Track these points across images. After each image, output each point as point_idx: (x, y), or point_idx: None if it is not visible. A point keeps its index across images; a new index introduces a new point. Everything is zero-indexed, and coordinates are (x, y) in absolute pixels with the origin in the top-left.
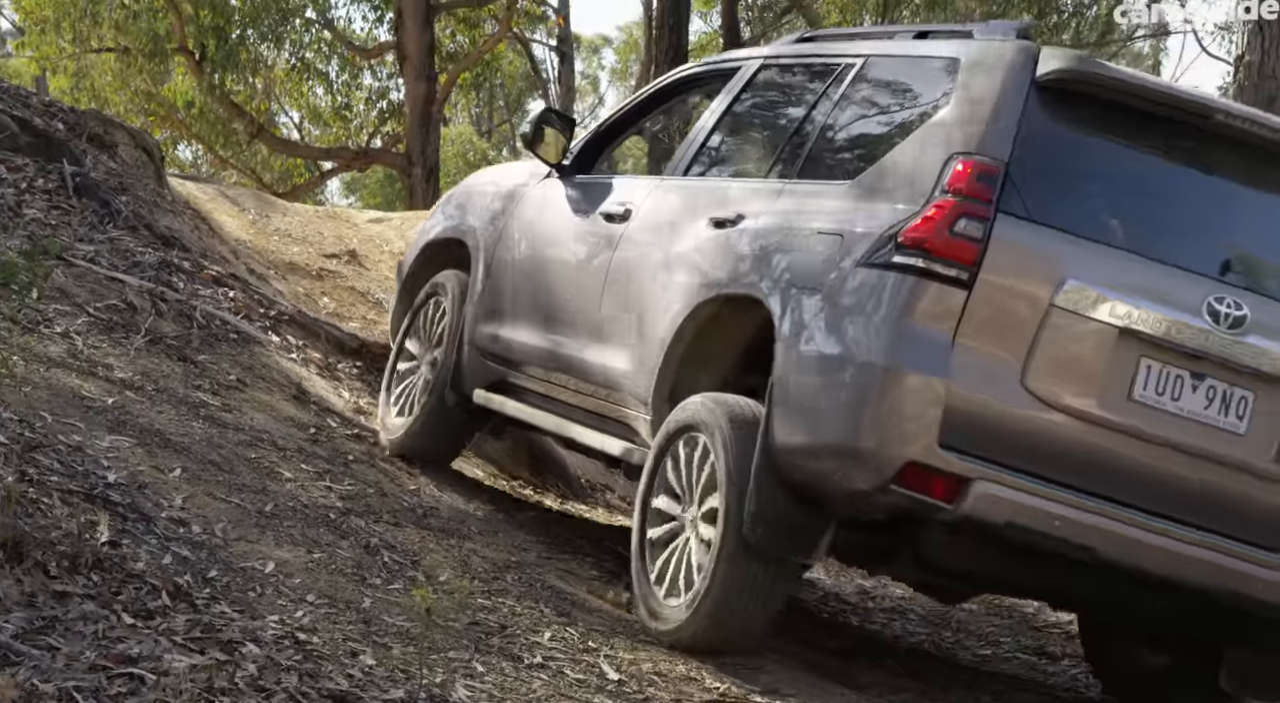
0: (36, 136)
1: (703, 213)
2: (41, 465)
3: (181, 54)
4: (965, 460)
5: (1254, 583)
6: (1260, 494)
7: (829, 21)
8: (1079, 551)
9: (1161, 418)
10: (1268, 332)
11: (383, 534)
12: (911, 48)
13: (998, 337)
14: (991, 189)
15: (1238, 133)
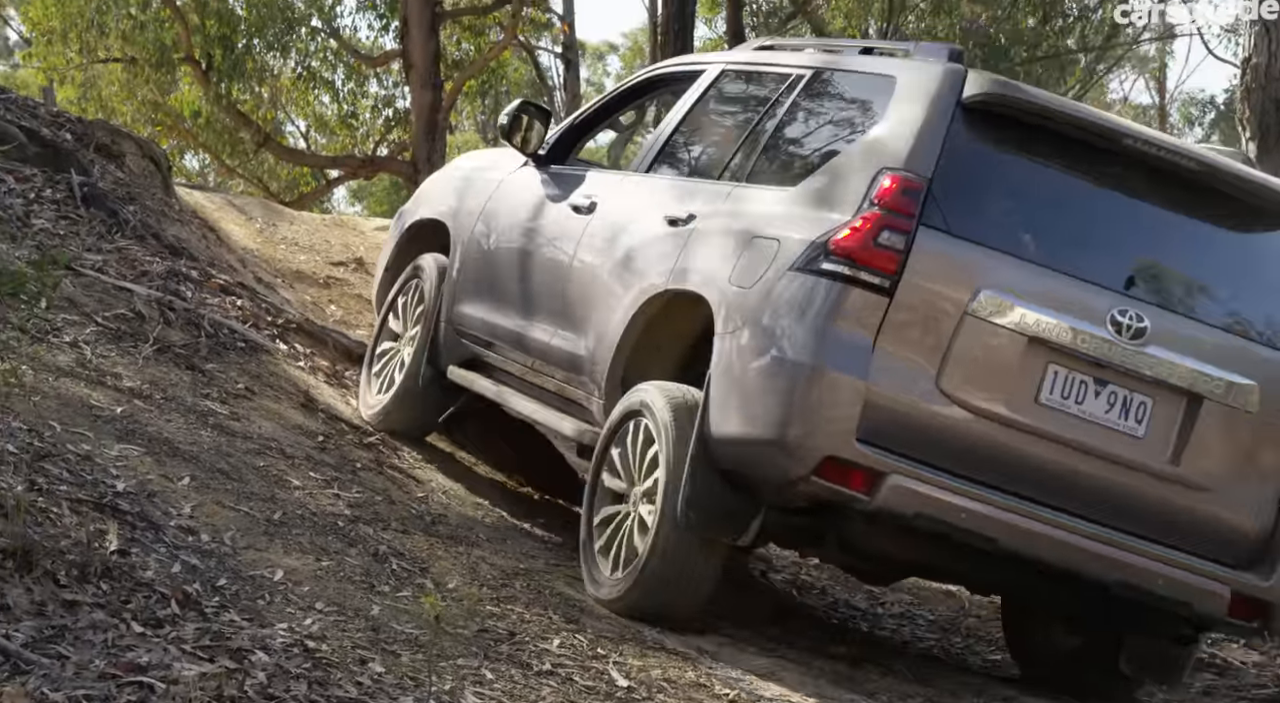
0: (44, 147)
1: (659, 210)
2: (51, 475)
3: (188, 64)
4: (881, 456)
5: (1150, 576)
6: (1156, 493)
7: (834, 27)
8: (983, 541)
9: (1066, 420)
10: (1167, 343)
11: (391, 542)
12: (856, 63)
13: (915, 341)
14: (915, 203)
15: (1145, 156)
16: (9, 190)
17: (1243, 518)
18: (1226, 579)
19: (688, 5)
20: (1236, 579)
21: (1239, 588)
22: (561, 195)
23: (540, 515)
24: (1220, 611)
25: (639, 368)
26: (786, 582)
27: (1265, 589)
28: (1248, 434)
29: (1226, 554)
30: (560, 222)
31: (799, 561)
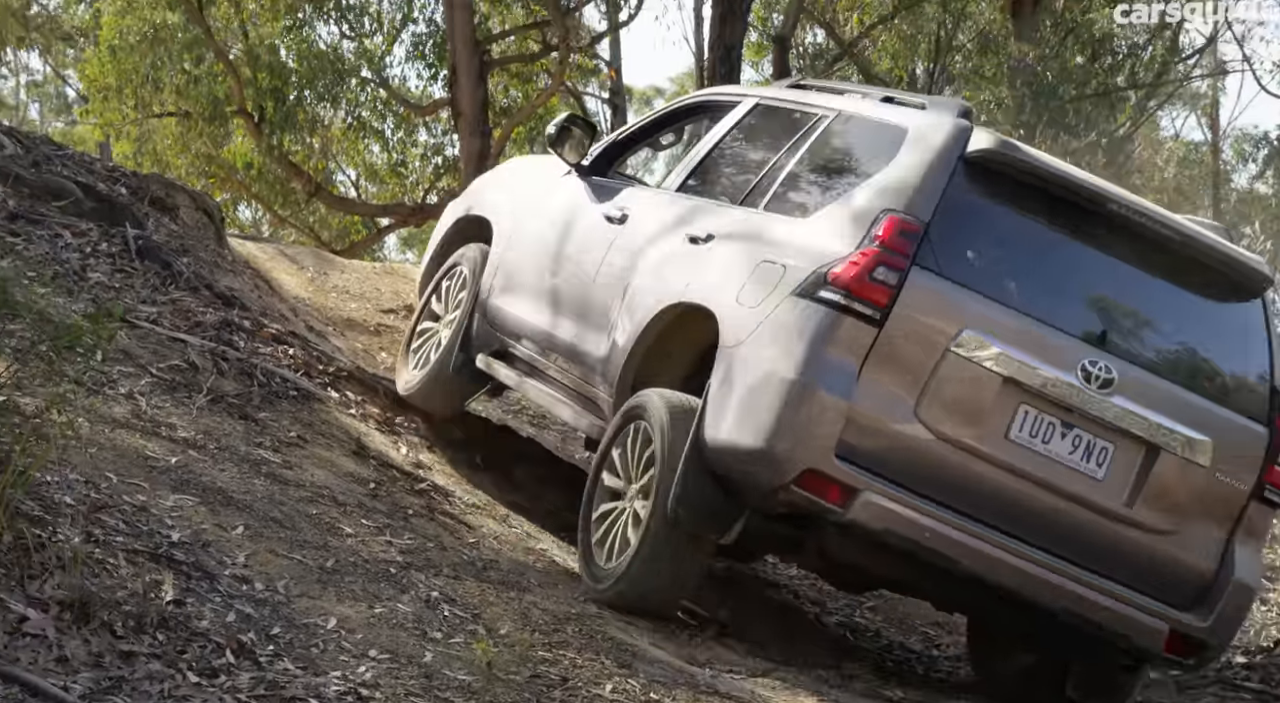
0: (100, 201)
1: (683, 228)
2: (107, 526)
3: (240, 116)
4: (857, 473)
5: (1095, 608)
6: (1109, 532)
7: (880, 68)
8: (947, 562)
9: (1032, 457)
10: (1131, 394)
11: (443, 588)
12: (875, 110)
13: (899, 370)
14: (910, 244)
15: (1126, 220)
16: (66, 244)
17: (1188, 562)
18: (1166, 617)
19: (734, 49)
20: (1176, 618)
21: (1177, 626)
22: (597, 205)
23: None
24: (1157, 646)
25: (649, 372)
26: (840, 625)
27: (1202, 629)
28: (1199, 486)
29: (1169, 594)
30: (593, 229)
31: (852, 602)
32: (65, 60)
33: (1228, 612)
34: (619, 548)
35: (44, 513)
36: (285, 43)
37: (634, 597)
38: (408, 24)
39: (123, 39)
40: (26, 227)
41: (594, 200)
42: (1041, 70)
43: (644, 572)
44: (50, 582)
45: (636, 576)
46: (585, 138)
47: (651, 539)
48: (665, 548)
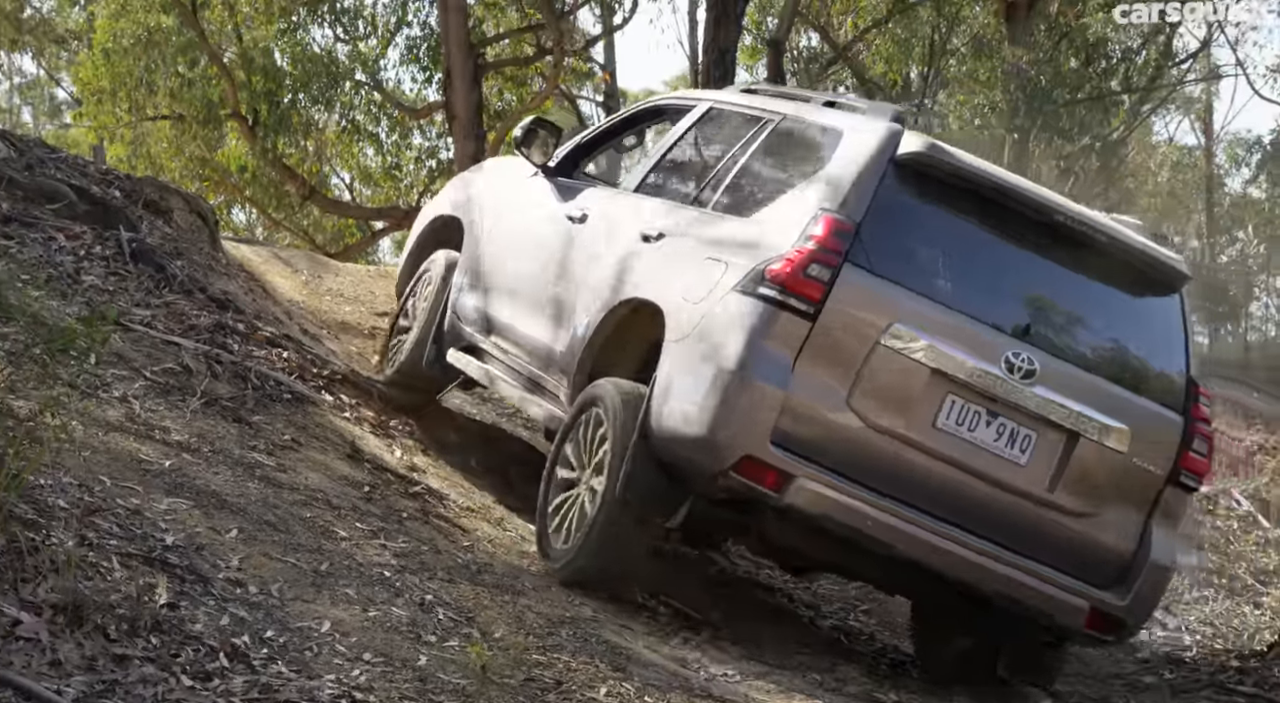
0: (94, 204)
1: (636, 226)
2: (101, 529)
3: (235, 119)
4: (792, 459)
5: (1019, 588)
6: (1033, 515)
7: (875, 72)
8: (881, 546)
9: (959, 444)
10: (1053, 385)
11: (437, 591)
12: (817, 114)
13: (832, 362)
14: (843, 242)
15: (1049, 219)
16: (59, 248)
17: (1108, 544)
18: (1087, 596)
19: (728, 53)
20: (1096, 597)
21: (1097, 605)
22: (560, 205)
23: None
24: (1078, 623)
25: (605, 365)
26: (835, 628)
27: (1120, 607)
28: (1117, 471)
29: (1090, 574)
30: (555, 228)
31: (846, 606)
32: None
33: (1145, 591)
34: (574, 529)
35: (37, 516)
36: (279, 46)
37: (585, 574)
38: (402, 27)
39: (116, 42)
40: (20, 229)
41: (557, 200)
42: (1035, 74)
43: (595, 551)
44: (44, 585)
45: (588, 555)
46: (551, 139)
47: (602, 521)
48: (614, 530)
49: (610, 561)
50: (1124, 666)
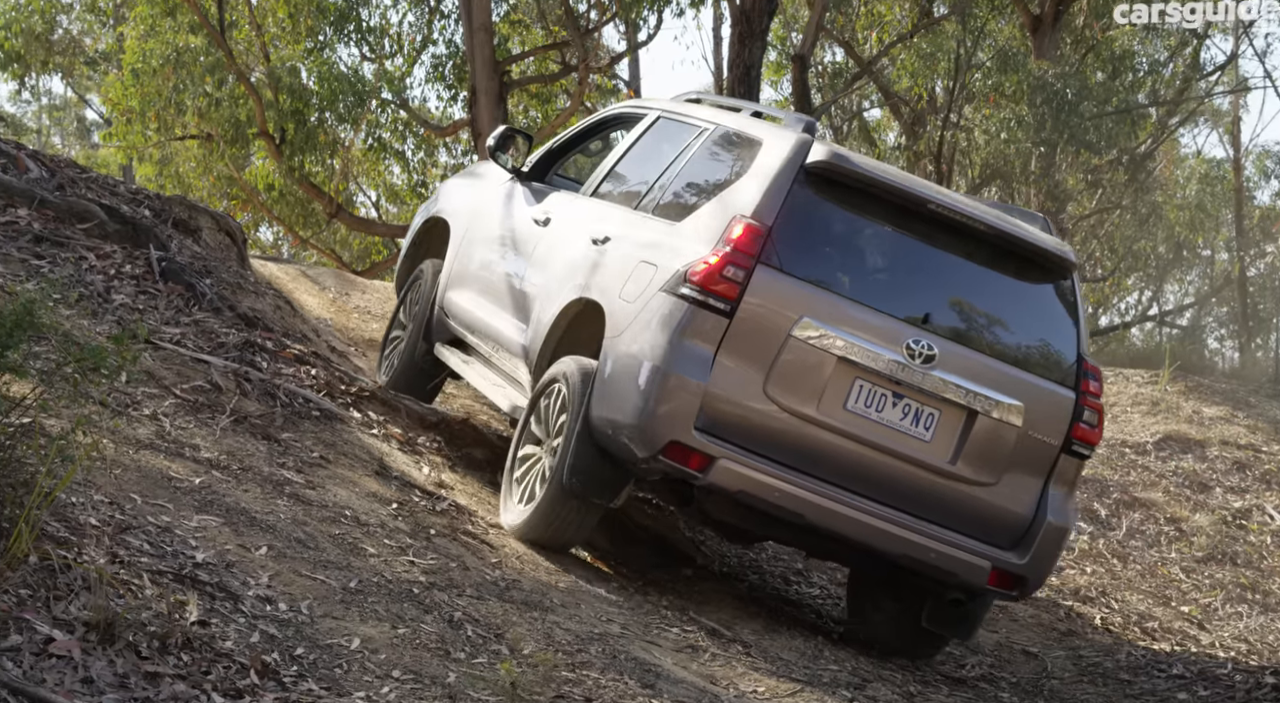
0: (124, 224)
1: (588, 230)
2: (132, 547)
3: (262, 138)
4: (714, 443)
5: (925, 551)
6: (937, 485)
7: (900, 87)
8: (793, 516)
9: (868, 424)
10: (951, 367)
11: (466, 608)
12: (744, 124)
13: (748, 354)
14: (756, 245)
15: (943, 216)
16: (90, 267)
17: (1008, 509)
18: (990, 556)
19: (753, 69)
20: (998, 557)
21: (999, 564)
22: (529, 209)
23: (613, 580)
24: (982, 581)
25: (561, 356)
26: (865, 645)
27: (1021, 566)
28: (1014, 443)
29: (992, 536)
30: (524, 230)
31: None
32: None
33: (1043, 550)
34: (531, 495)
35: (69, 534)
36: (306, 65)
37: (538, 538)
38: (428, 46)
39: (145, 62)
40: (52, 249)
41: (526, 204)
42: (1061, 87)
43: (547, 519)
44: (76, 603)
45: (540, 521)
46: (524, 145)
47: (552, 495)
48: (560, 505)
49: (559, 532)
50: (1157, 682)
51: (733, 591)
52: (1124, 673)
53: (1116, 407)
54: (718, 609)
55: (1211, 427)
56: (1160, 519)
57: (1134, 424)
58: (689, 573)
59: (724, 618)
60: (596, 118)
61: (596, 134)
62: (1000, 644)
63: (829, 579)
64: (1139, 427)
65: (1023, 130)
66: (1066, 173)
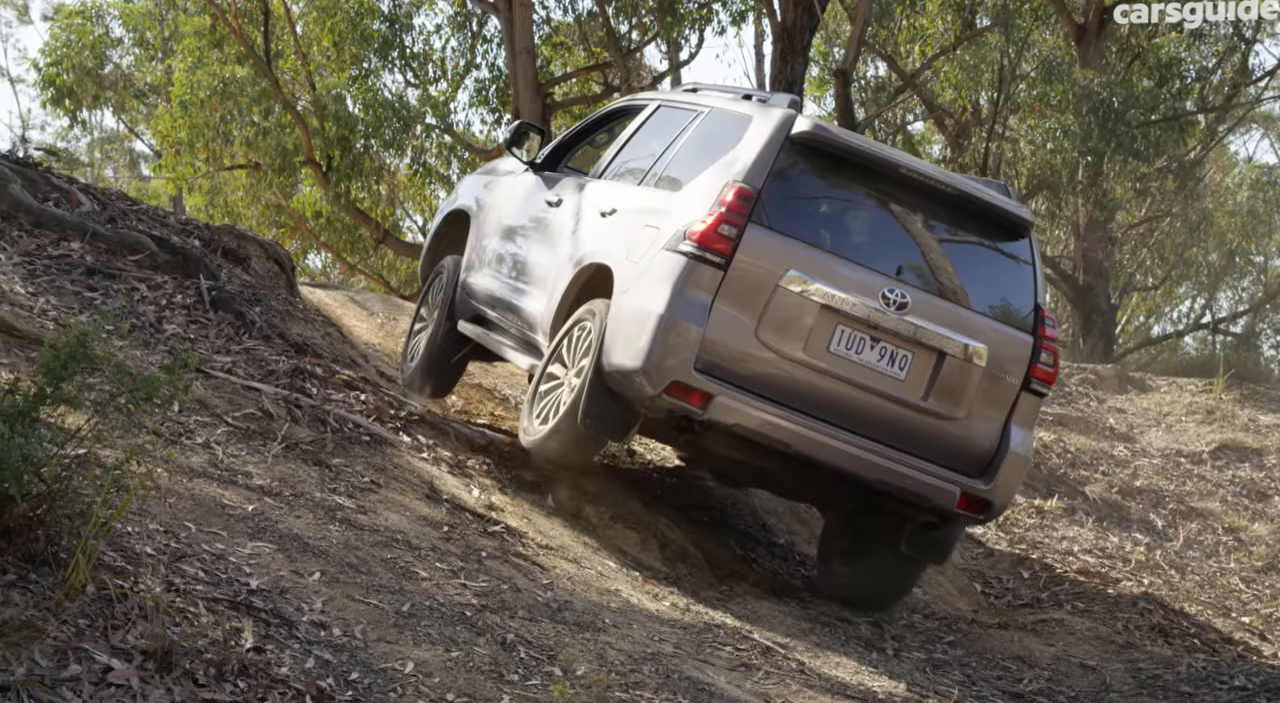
0: (174, 254)
1: (597, 205)
2: (187, 575)
3: (309, 166)
4: (712, 383)
5: (899, 476)
6: (911, 419)
7: (943, 99)
8: (781, 445)
9: (849, 365)
10: (922, 314)
11: (519, 630)
12: (734, 105)
13: (741, 303)
14: (747, 206)
15: (914, 180)
16: (142, 298)
17: (975, 440)
18: (958, 482)
19: (795, 85)
20: (966, 483)
21: (967, 489)
22: (542, 193)
23: (665, 599)
24: (951, 505)
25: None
26: (923, 659)
27: (986, 491)
28: (979, 381)
29: (961, 465)
30: (538, 213)
31: (931, 637)
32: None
33: (1006, 477)
34: (549, 416)
35: (126, 564)
36: (351, 92)
37: (551, 455)
38: (471, 70)
39: (193, 94)
40: (104, 281)
41: (540, 190)
42: (1107, 96)
43: (555, 443)
44: (133, 632)
45: (549, 443)
46: (536, 139)
47: (565, 424)
48: (569, 433)
49: (571, 451)
50: (1219, 695)
51: (785, 608)
52: (1185, 686)
53: (1170, 416)
54: (771, 627)
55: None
56: (1218, 529)
57: (1189, 433)
58: (741, 591)
59: (777, 636)
60: (603, 111)
61: (604, 126)
62: (1057, 658)
63: None
64: (1194, 436)
65: (1069, 140)
66: (1114, 181)
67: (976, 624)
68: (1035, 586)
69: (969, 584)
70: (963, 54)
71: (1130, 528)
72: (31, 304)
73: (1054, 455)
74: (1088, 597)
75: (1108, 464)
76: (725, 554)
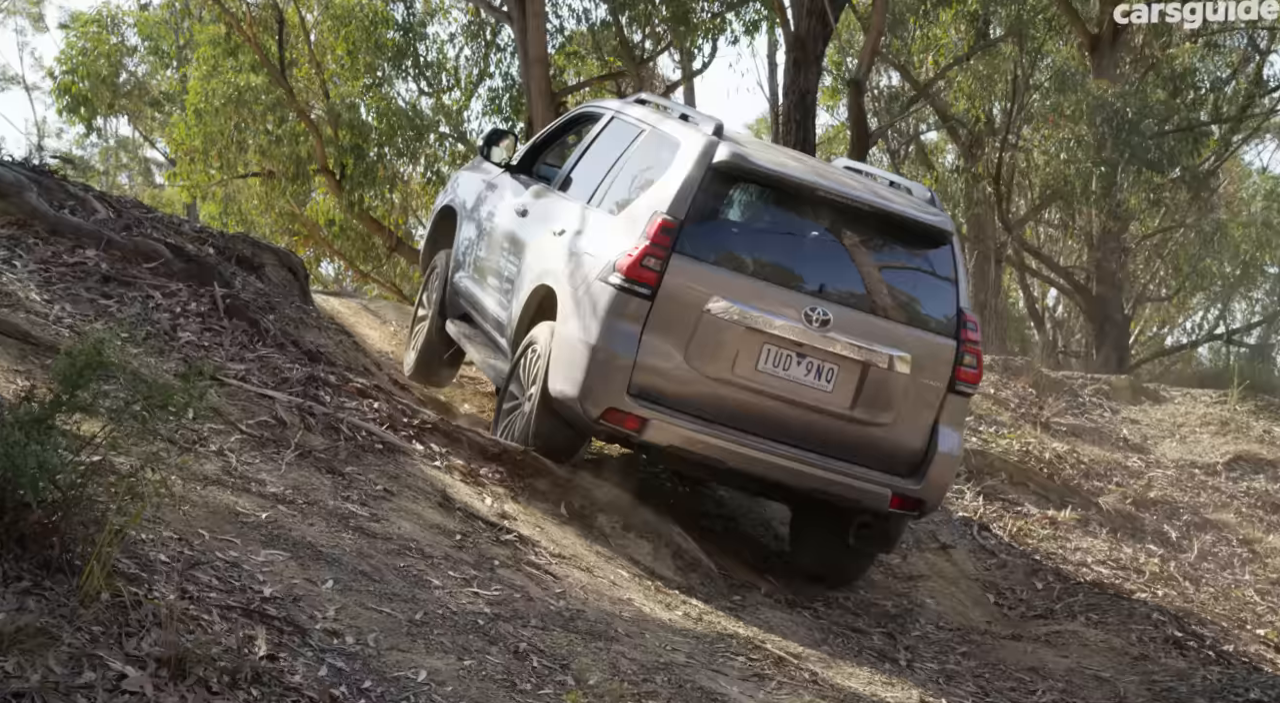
0: (189, 262)
1: (552, 222)
2: (201, 582)
3: (322, 174)
4: (646, 407)
5: (831, 483)
6: (840, 428)
7: (956, 109)
8: (715, 462)
9: (778, 382)
10: (845, 329)
11: (531, 639)
12: (669, 125)
13: (670, 331)
14: (671, 238)
15: (832, 200)
16: (157, 305)
17: (904, 443)
18: (889, 484)
19: (808, 95)
20: (897, 484)
21: (898, 490)
22: (513, 200)
23: (678, 609)
24: (884, 505)
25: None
26: (935, 671)
27: (917, 490)
28: (905, 387)
29: (892, 467)
30: (509, 221)
31: (944, 649)
32: (153, 125)
33: (937, 476)
34: (511, 435)
35: (140, 571)
36: (365, 101)
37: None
38: (484, 79)
39: (208, 102)
40: (119, 289)
41: (513, 196)
42: (1121, 106)
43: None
44: (147, 639)
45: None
46: (512, 143)
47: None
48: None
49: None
50: None
51: (798, 619)
52: (1200, 698)
53: (1185, 427)
54: (784, 637)
55: None
56: (1233, 541)
57: (1203, 445)
58: (754, 601)
59: (790, 646)
60: (569, 116)
61: (570, 130)
62: (1071, 670)
63: (892, 607)
64: (1209, 447)
65: (1083, 150)
66: (1128, 192)
67: (990, 635)
68: (1049, 597)
69: (982, 595)
70: (976, 64)
71: (1144, 539)
72: (47, 311)
73: (1067, 466)
74: (1102, 608)
75: (1121, 475)
76: (738, 564)
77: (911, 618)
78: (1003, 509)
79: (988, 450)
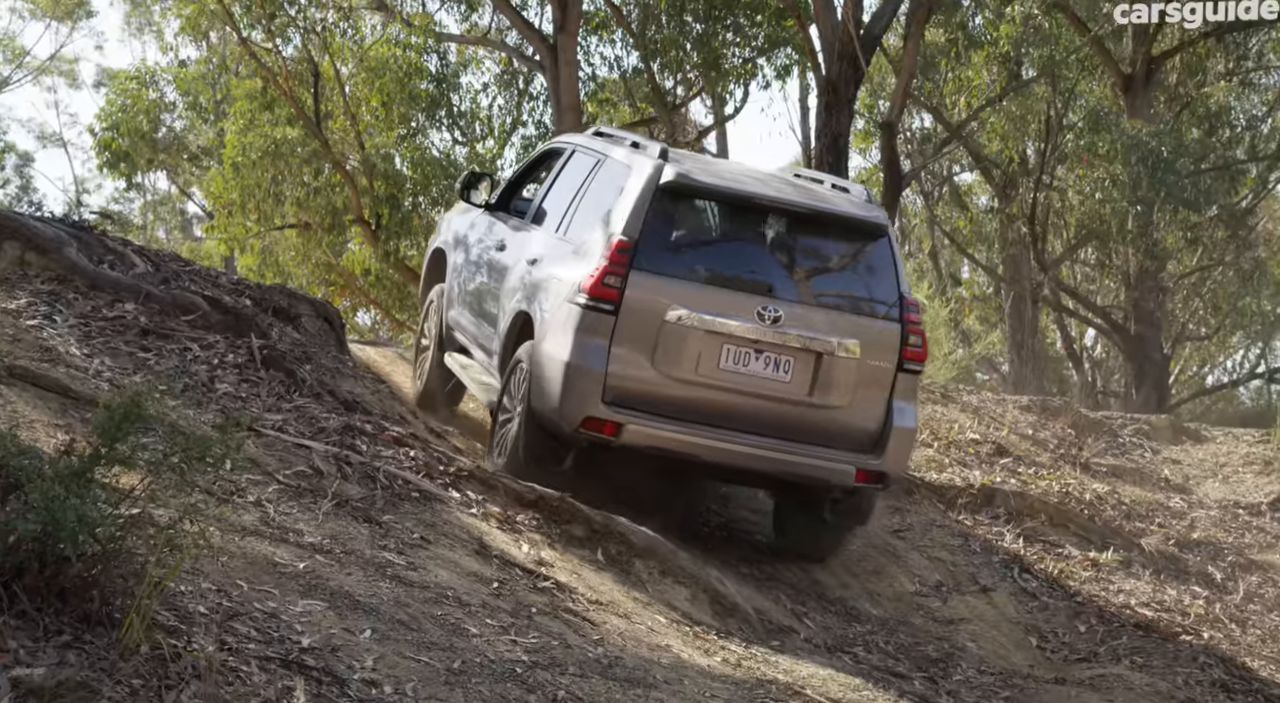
0: (226, 313)
1: (526, 253)
2: (239, 633)
3: (358, 224)
4: (620, 413)
5: (798, 466)
6: (800, 415)
7: (990, 150)
8: (690, 457)
9: (739, 377)
10: (796, 323)
11: (569, 686)
12: (622, 154)
13: (635, 341)
14: (627, 256)
15: (772, 207)
16: (194, 357)
17: (862, 424)
18: (853, 461)
19: (840, 138)
20: (860, 460)
21: (862, 466)
22: (491, 236)
23: (716, 655)
24: (850, 481)
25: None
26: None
27: (879, 464)
28: (857, 371)
29: (854, 445)
30: (489, 256)
31: (984, 701)
32: (191, 179)
33: (896, 449)
34: (502, 452)
35: (179, 623)
36: (400, 151)
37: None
38: (517, 127)
39: (245, 156)
40: (157, 342)
41: (490, 233)
42: (1156, 145)
43: (510, 469)
44: (186, 691)
45: (507, 469)
46: (488, 184)
47: (513, 456)
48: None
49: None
50: None
51: (838, 663)
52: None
53: (1227, 467)
54: (823, 683)
55: None
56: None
57: (1247, 484)
58: (793, 646)
59: (830, 691)
60: (537, 153)
61: (541, 166)
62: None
63: (933, 651)
64: (1252, 487)
65: (1118, 189)
66: (1165, 231)
67: (1032, 679)
68: (1092, 639)
69: (1024, 638)
70: (1009, 105)
71: (1188, 581)
72: (87, 365)
73: (1109, 507)
74: (1146, 651)
75: (1164, 516)
76: (776, 609)
77: (953, 662)
78: (1043, 551)
79: (1027, 492)
